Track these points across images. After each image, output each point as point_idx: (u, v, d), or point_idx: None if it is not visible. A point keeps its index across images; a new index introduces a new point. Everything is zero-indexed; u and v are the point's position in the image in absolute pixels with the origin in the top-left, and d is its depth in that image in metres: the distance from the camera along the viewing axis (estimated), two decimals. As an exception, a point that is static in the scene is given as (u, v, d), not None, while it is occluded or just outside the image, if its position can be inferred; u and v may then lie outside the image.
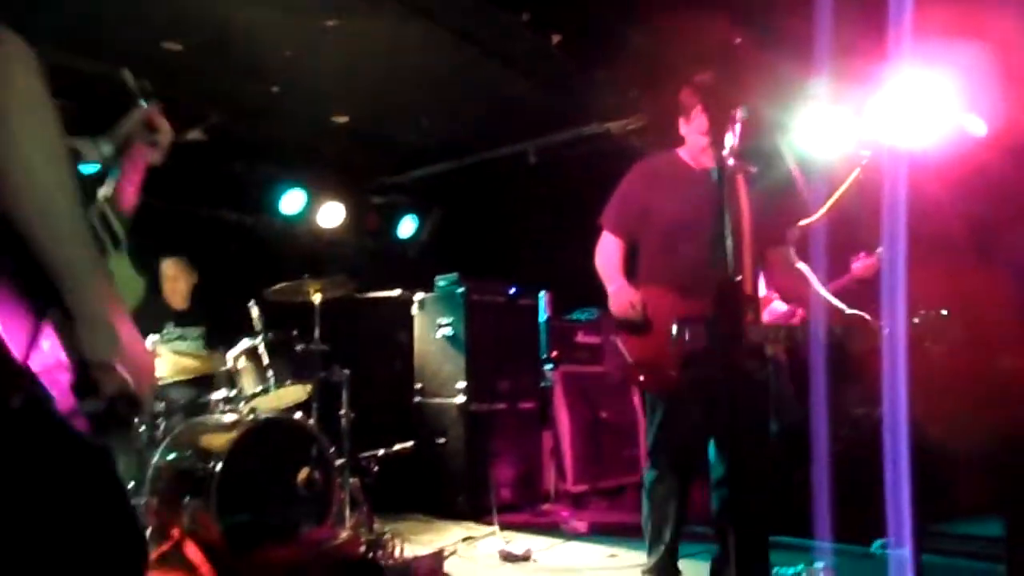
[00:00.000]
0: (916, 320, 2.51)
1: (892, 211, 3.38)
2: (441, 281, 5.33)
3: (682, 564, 2.90)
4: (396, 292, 5.26)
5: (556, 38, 3.83)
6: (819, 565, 3.26)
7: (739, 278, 2.69)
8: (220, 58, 4.24)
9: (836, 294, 4.22)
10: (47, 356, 1.11)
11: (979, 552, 3.48)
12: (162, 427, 3.83)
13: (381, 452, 4.09)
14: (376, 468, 3.97)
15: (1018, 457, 3.36)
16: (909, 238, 3.34)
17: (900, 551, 3.42)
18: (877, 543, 3.59)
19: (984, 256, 3.89)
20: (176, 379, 3.97)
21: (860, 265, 4.17)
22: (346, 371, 4.11)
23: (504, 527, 4.43)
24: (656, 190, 2.85)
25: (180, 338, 4.25)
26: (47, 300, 1.12)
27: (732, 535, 2.66)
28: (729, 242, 2.01)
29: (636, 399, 5.87)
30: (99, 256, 1.21)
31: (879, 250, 3.95)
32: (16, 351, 1.06)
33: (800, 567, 3.32)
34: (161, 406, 3.86)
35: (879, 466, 3.10)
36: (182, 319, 4.60)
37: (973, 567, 3.39)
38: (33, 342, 1.09)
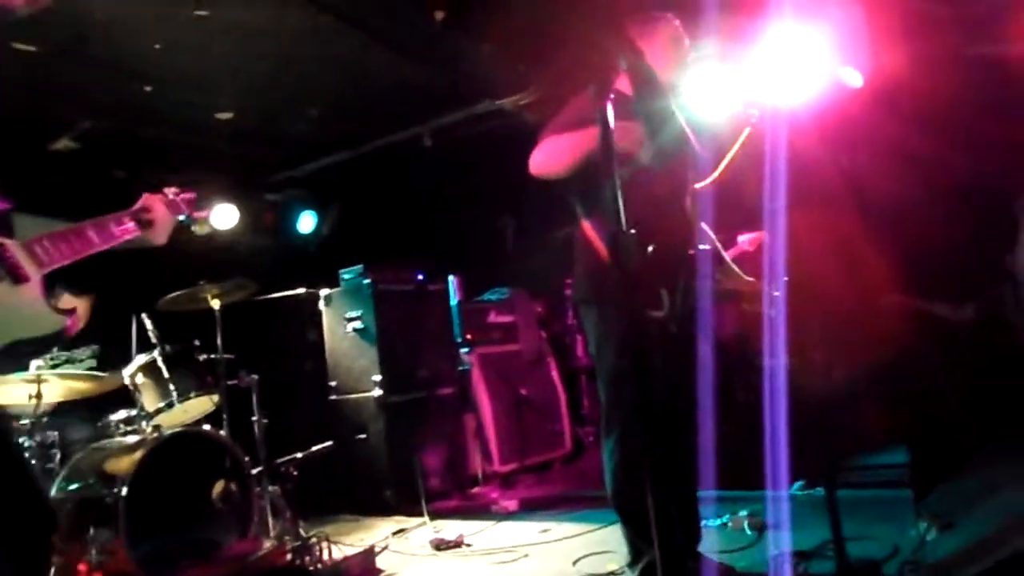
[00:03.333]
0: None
1: (773, 166, 3.48)
2: (346, 274, 5.20)
3: (608, 532, 2.88)
4: (301, 290, 5.09)
5: (439, 15, 3.75)
6: (743, 513, 3.37)
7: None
8: (82, 58, 3.97)
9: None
10: None
11: (888, 481, 3.67)
12: (58, 457, 3.59)
13: (299, 455, 3.96)
14: (296, 472, 3.84)
15: (911, 386, 3.56)
16: (792, 190, 3.44)
17: (816, 490, 3.57)
18: (795, 485, 3.74)
19: (862, 203, 4.08)
20: (68, 403, 3.72)
21: (748, 240, 4.32)
22: (254, 376, 3.95)
23: (434, 516, 4.39)
24: None
25: (68, 361, 3.98)
26: None
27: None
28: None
29: (554, 373, 5.92)
30: None
31: (761, 228, 4.09)
32: None
33: (725, 517, 3.42)
34: (54, 435, 3.62)
35: (789, 412, 3.21)
36: (70, 340, 4.31)
37: (884, 495, 3.57)
38: None
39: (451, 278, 5.60)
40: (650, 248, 2.41)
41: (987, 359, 3.67)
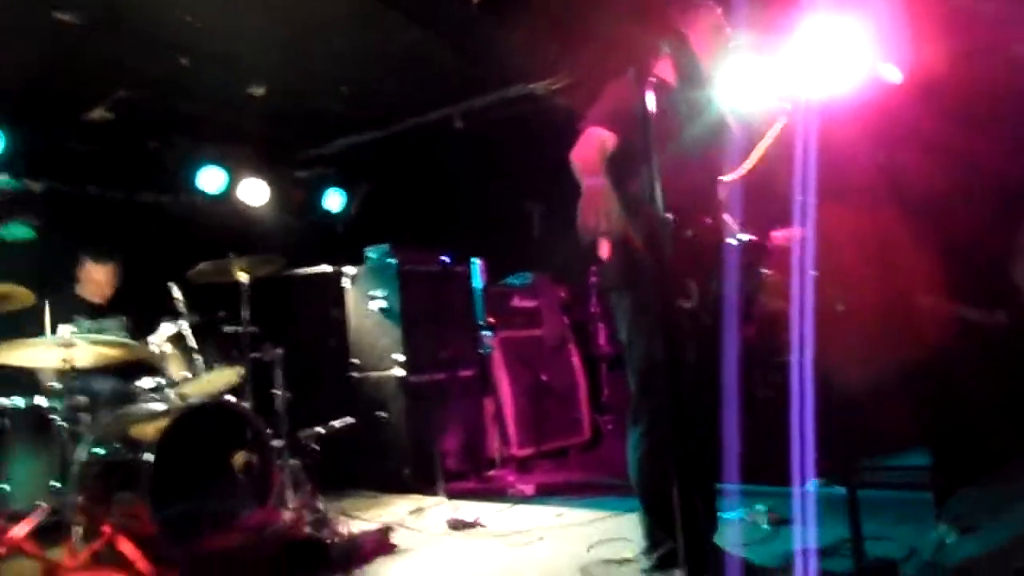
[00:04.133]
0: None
1: (805, 161, 3.43)
2: (372, 253, 5.23)
3: (624, 520, 2.88)
4: (326, 267, 5.14)
5: (476, -2, 3.74)
6: (760, 507, 3.36)
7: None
8: (120, 29, 4.01)
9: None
10: None
11: (909, 482, 3.63)
12: (86, 421, 3.65)
13: (320, 430, 4.00)
14: (316, 447, 3.89)
15: (938, 388, 3.51)
16: (825, 186, 3.39)
17: (835, 488, 3.54)
18: (814, 482, 3.71)
19: (899, 200, 4.01)
20: (97, 369, 3.79)
21: (781, 235, 4.27)
22: (279, 350, 4.00)
23: (451, 496, 4.43)
24: None
25: (95, 330, 4.05)
26: None
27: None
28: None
29: (575, 360, 5.92)
30: None
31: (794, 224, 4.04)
32: None
33: (742, 510, 3.41)
34: (83, 399, 3.68)
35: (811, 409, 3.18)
36: (99, 311, 4.39)
37: (904, 497, 3.54)
38: None
39: (476, 261, 5.61)
40: (689, 233, 2.37)
41: (1019, 365, 3.61)
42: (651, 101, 2.01)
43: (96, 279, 4.44)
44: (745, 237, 3.44)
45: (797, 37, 3.54)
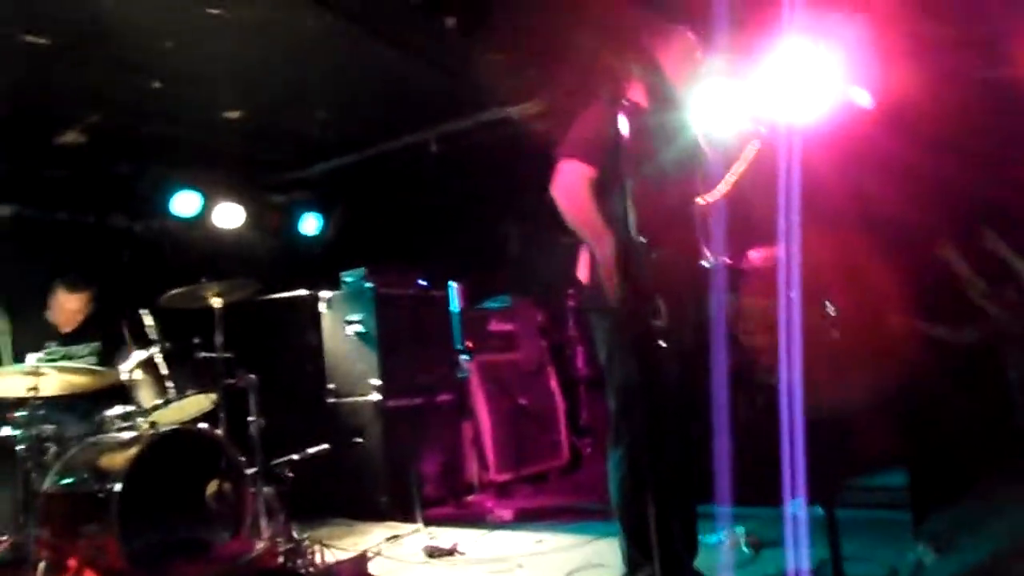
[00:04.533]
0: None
1: (787, 184, 3.47)
2: (348, 277, 5.19)
3: (603, 545, 2.85)
4: (302, 292, 5.08)
5: (451, 21, 3.76)
6: (740, 530, 3.35)
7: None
8: (93, 52, 3.96)
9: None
10: None
11: (888, 502, 3.64)
12: (52, 451, 3.56)
13: (295, 457, 3.93)
14: (291, 474, 3.81)
15: (915, 409, 3.54)
16: (802, 209, 3.43)
17: (809, 509, 3.54)
18: (795, 503, 3.71)
19: (870, 224, 4.06)
20: (65, 397, 3.70)
21: (759, 256, 4.30)
22: (252, 376, 3.94)
23: (429, 523, 4.37)
24: None
25: (65, 357, 3.97)
26: None
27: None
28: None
29: (553, 383, 5.90)
30: None
31: (775, 243, 4.08)
32: None
33: (721, 533, 3.39)
34: (50, 428, 3.60)
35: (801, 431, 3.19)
36: (69, 338, 4.30)
37: (882, 516, 3.54)
38: None
39: (453, 284, 5.59)
40: (654, 255, 2.38)
41: (988, 382, 3.65)
42: (624, 124, 2.02)
43: (68, 308, 4.35)
44: (717, 261, 3.46)
45: (770, 62, 3.59)
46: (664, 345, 2.43)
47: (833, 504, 2.59)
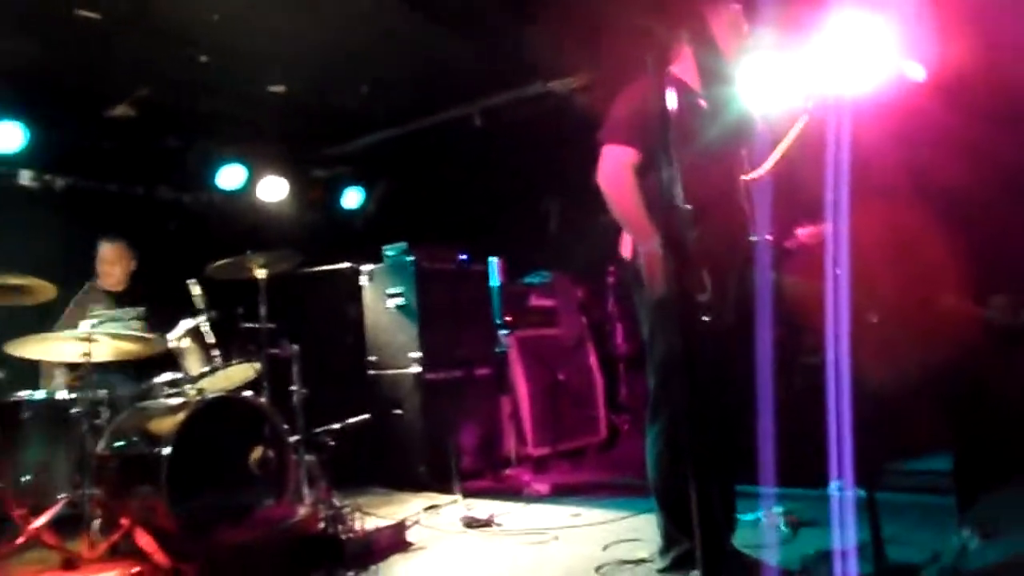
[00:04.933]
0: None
1: (837, 159, 3.39)
2: (389, 251, 5.23)
3: (640, 520, 2.84)
4: (344, 265, 5.14)
5: (494, -7, 3.73)
6: (778, 509, 3.32)
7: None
8: (142, 27, 4.03)
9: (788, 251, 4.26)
10: None
11: (931, 486, 3.58)
12: (104, 415, 3.69)
13: (336, 426, 4.01)
14: (332, 443, 3.89)
15: (962, 393, 3.46)
16: (851, 186, 3.35)
17: (855, 491, 3.50)
18: (834, 484, 3.66)
19: (923, 200, 3.95)
20: (117, 363, 3.82)
21: (806, 232, 4.22)
22: (296, 346, 4.01)
23: (466, 494, 4.42)
24: None
25: (113, 320, 4.09)
26: None
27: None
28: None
29: (592, 359, 5.90)
30: None
31: (823, 219, 3.99)
32: None
33: (759, 512, 3.38)
34: (102, 393, 3.72)
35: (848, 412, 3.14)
36: (118, 301, 4.43)
37: (925, 501, 3.48)
38: None
39: (493, 259, 5.60)
40: (701, 231, 2.35)
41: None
42: (671, 98, 1.98)
43: (108, 259, 4.48)
44: (761, 238, 3.40)
45: (821, 35, 3.50)
46: (707, 320, 2.41)
47: (875, 486, 2.55)
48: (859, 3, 3.43)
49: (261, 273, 4.02)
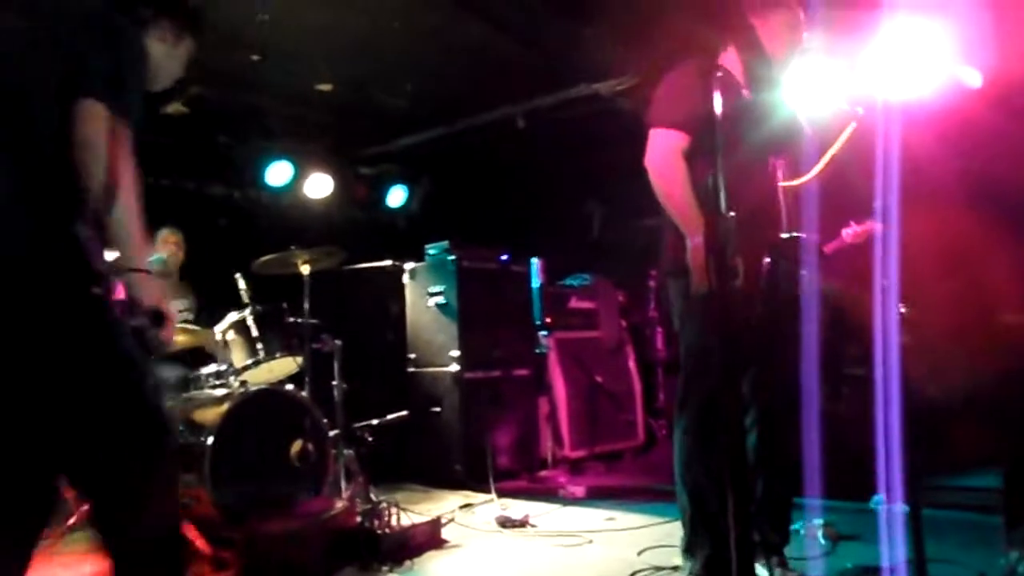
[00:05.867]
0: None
1: (886, 165, 3.32)
2: (432, 249, 5.27)
3: (676, 526, 2.80)
4: (387, 262, 5.20)
5: (541, -6, 3.74)
6: (818, 521, 3.26)
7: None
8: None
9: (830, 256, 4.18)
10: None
11: (977, 504, 3.48)
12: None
13: (375, 422, 4.05)
14: (371, 438, 3.94)
15: (1014, 408, 3.35)
16: (903, 193, 3.28)
17: (898, 505, 3.42)
18: (876, 498, 3.59)
19: (979, 210, 3.85)
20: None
21: (851, 232, 4.14)
22: (338, 342, 4.06)
23: (501, 494, 4.43)
24: None
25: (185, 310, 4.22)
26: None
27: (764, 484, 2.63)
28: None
29: (631, 363, 5.86)
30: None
31: (871, 219, 3.92)
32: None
33: (799, 524, 3.32)
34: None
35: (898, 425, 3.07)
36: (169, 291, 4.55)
37: (971, 519, 3.39)
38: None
39: (534, 260, 5.60)
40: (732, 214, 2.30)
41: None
42: (718, 100, 1.96)
43: (170, 243, 4.61)
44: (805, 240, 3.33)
45: (875, 39, 3.43)
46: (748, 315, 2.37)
47: (920, 502, 2.49)
48: (915, 6, 3.35)
49: (306, 269, 4.08)
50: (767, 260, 2.56)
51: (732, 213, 1.71)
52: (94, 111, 1.67)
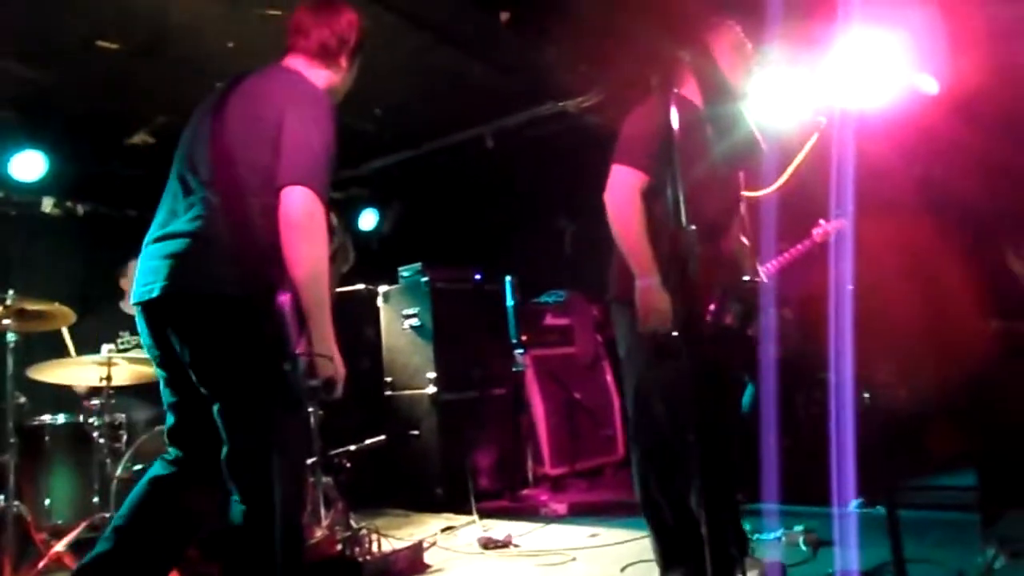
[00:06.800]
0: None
1: (841, 173, 3.38)
2: (405, 272, 5.26)
3: (649, 542, 2.78)
4: (359, 286, 5.17)
5: (504, 16, 3.77)
6: (798, 528, 3.28)
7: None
8: (160, 56, 4.11)
9: (797, 260, 4.25)
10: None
11: (955, 503, 3.53)
12: (124, 438, 3.72)
13: (352, 448, 4.01)
14: (348, 464, 3.89)
15: (986, 407, 3.41)
16: (861, 200, 3.34)
17: (876, 508, 3.45)
18: (855, 502, 3.62)
19: (935, 214, 3.93)
20: (133, 386, 3.86)
21: (820, 231, 4.21)
22: (312, 368, 4.02)
23: (483, 515, 4.40)
24: None
25: (138, 346, 4.13)
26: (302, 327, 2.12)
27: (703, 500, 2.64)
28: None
29: (609, 378, 5.88)
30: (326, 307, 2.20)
31: (839, 217, 3.98)
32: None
33: (780, 531, 3.34)
34: (122, 416, 3.75)
35: (854, 427, 3.11)
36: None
37: (949, 518, 3.43)
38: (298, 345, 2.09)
39: (508, 279, 5.61)
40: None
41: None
42: (675, 117, 1.99)
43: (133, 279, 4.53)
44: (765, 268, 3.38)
45: (833, 49, 3.50)
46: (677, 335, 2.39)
47: (895, 504, 2.52)
48: (872, 18, 3.43)
49: (278, 295, 4.04)
50: (713, 306, 2.58)
51: (693, 227, 1.73)
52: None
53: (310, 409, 3.93)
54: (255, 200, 2.12)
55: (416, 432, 4.98)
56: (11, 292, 3.40)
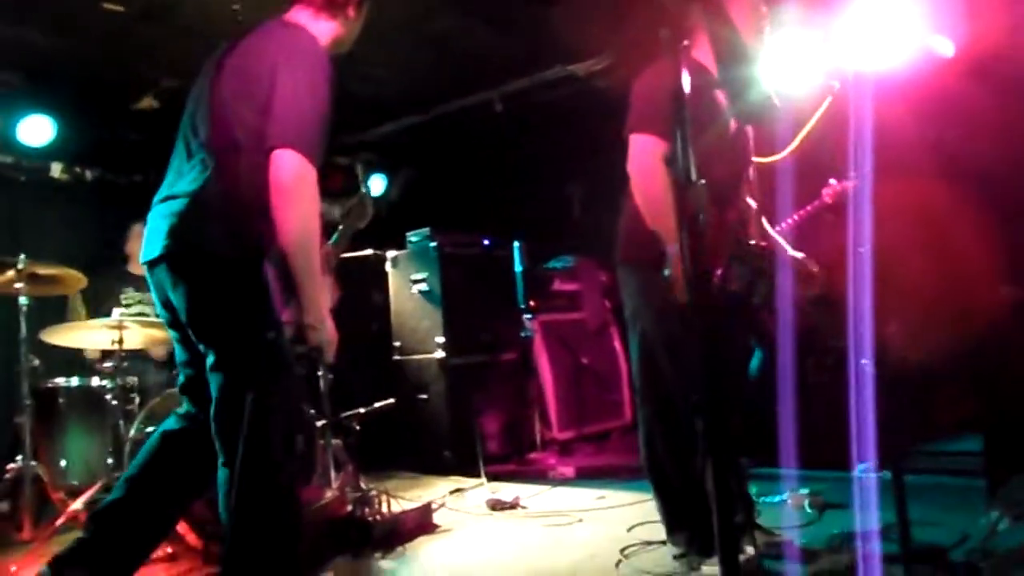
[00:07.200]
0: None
1: (858, 136, 3.34)
2: (413, 236, 5.26)
3: (640, 508, 2.83)
4: (368, 251, 5.17)
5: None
6: (804, 491, 3.31)
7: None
8: (165, 19, 4.07)
9: (805, 221, 4.21)
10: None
11: (961, 468, 3.54)
12: (136, 400, 3.76)
13: (362, 411, 4.05)
14: (358, 427, 3.94)
15: (993, 372, 3.41)
16: (875, 163, 3.30)
17: (883, 473, 3.47)
18: (861, 467, 3.64)
19: (950, 178, 3.88)
20: (148, 350, 3.90)
21: (830, 191, 4.17)
22: (321, 333, 4.04)
23: (491, 478, 4.45)
24: None
25: (140, 303, 4.17)
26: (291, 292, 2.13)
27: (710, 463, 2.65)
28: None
29: (617, 343, 5.89)
30: (316, 273, 2.15)
31: (850, 177, 3.93)
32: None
33: (785, 494, 3.37)
34: (134, 379, 3.79)
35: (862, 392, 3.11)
36: (144, 285, 4.51)
37: (955, 483, 3.45)
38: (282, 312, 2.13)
39: (517, 244, 5.60)
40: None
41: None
42: (686, 80, 1.96)
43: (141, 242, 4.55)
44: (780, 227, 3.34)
45: (847, 11, 3.43)
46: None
47: (903, 468, 2.53)
48: (886, -23, 3.35)
49: (287, 260, 4.05)
50: (720, 271, 2.56)
51: (703, 181, 1.70)
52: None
53: (319, 373, 3.97)
54: (250, 160, 2.09)
55: (425, 396, 5.02)
56: (22, 256, 3.43)
